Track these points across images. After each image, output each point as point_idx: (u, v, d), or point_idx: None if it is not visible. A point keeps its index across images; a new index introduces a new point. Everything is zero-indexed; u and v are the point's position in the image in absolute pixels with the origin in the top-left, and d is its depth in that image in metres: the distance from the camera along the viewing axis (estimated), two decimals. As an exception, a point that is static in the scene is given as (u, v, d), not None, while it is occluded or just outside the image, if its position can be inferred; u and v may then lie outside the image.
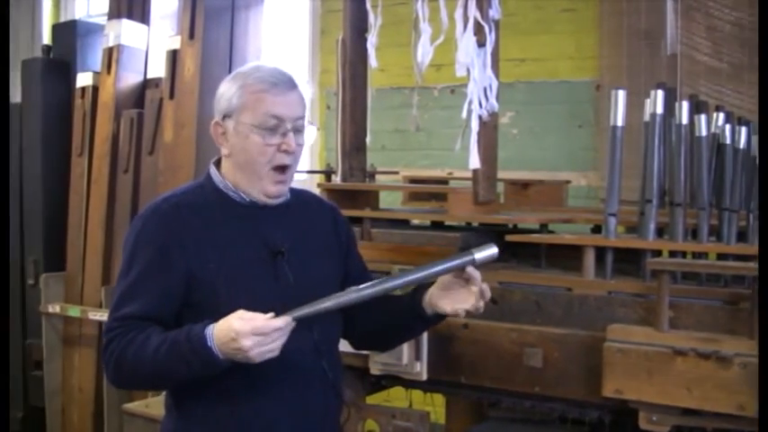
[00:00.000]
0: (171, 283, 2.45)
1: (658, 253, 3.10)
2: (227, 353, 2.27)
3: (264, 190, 2.52)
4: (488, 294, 2.53)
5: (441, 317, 2.62)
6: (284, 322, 2.28)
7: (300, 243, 2.60)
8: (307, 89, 6.23)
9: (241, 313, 2.27)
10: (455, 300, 2.53)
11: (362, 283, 2.55)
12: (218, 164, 2.64)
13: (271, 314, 2.28)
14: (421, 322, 2.68)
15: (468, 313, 2.53)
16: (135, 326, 2.41)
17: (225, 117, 2.53)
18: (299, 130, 2.52)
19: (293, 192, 2.69)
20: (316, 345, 2.54)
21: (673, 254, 3.04)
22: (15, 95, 7.42)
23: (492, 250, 2.47)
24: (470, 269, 2.47)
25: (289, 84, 2.53)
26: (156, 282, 2.45)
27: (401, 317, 2.67)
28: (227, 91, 2.54)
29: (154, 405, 4.55)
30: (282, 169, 2.52)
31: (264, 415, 2.50)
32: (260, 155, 2.48)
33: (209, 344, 2.28)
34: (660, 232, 3.16)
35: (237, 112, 2.50)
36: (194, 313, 2.40)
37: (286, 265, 2.53)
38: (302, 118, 2.54)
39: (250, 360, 2.26)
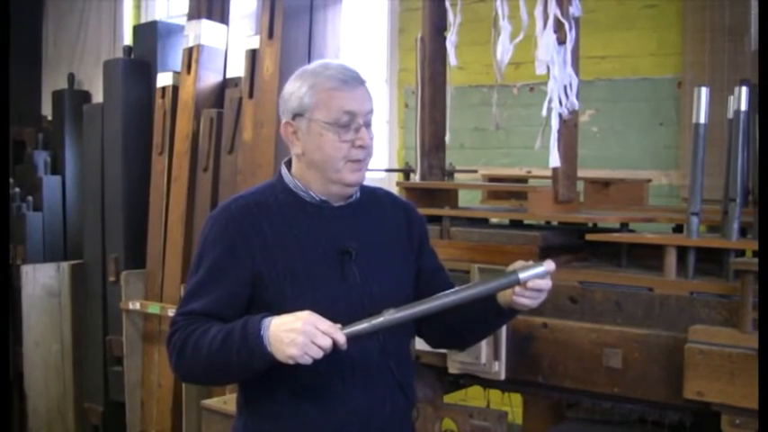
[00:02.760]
0: (237, 282, 2.48)
1: (742, 253, 3.05)
2: (275, 335, 2.27)
3: (343, 180, 2.52)
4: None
5: (515, 312, 2.57)
6: (342, 340, 2.29)
7: (370, 242, 2.60)
8: (384, 87, 6.24)
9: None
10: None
11: (435, 282, 2.62)
12: (288, 164, 2.65)
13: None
14: (497, 317, 2.62)
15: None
16: (198, 320, 2.44)
17: (296, 116, 2.55)
18: (369, 124, 2.54)
19: (366, 190, 2.70)
20: (382, 345, 2.55)
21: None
22: (97, 96, 7.57)
23: (537, 269, 2.41)
24: (540, 282, 2.43)
25: (357, 79, 2.55)
26: (222, 281, 2.48)
27: (477, 312, 2.60)
28: (296, 90, 2.55)
29: (231, 401, 4.56)
30: (358, 161, 2.53)
31: (331, 414, 2.51)
32: (335, 151, 2.49)
33: (261, 332, 2.29)
34: (744, 232, 3.11)
35: (310, 110, 2.51)
36: (261, 312, 2.39)
37: (354, 264, 2.54)
38: (372, 112, 2.56)
39: (293, 346, 2.23)
